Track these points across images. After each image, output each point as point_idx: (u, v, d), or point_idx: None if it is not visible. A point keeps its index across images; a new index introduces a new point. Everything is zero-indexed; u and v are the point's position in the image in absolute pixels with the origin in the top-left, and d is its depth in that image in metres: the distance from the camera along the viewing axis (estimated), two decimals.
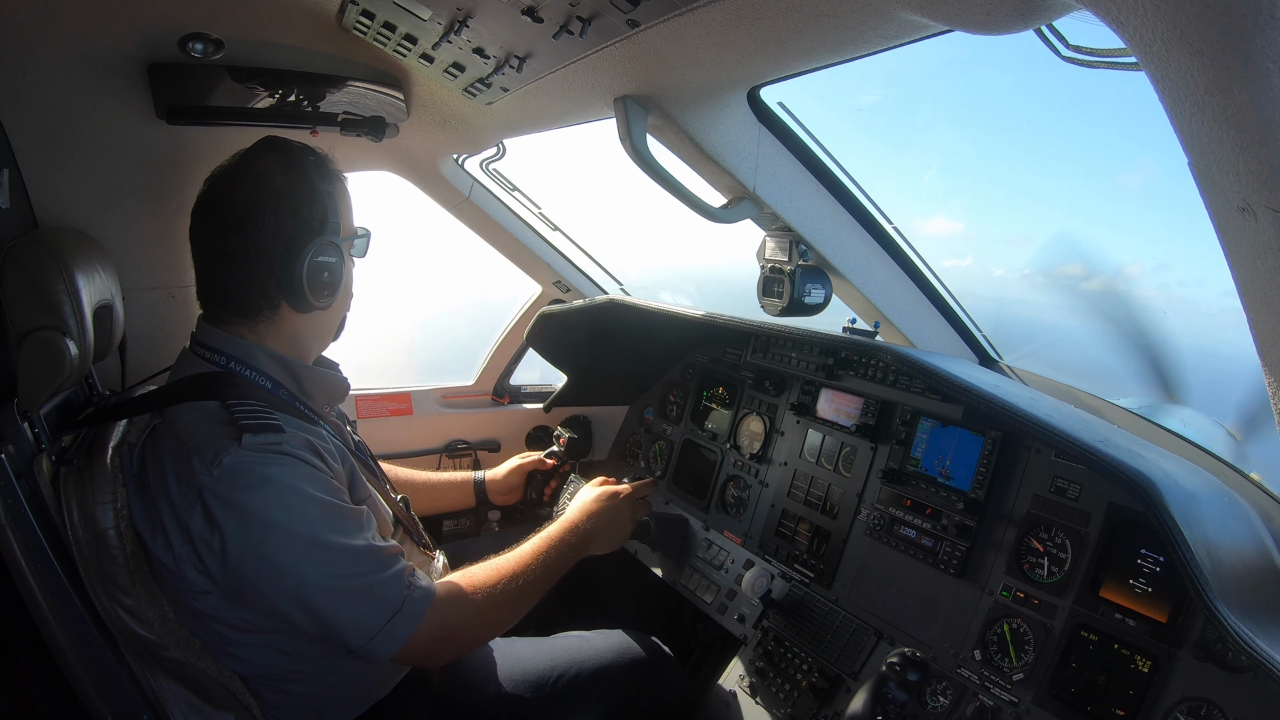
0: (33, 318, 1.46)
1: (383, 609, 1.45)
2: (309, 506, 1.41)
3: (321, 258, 1.56)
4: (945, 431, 2.09)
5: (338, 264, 1.60)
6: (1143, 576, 1.66)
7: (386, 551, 1.50)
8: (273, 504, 1.37)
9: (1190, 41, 0.66)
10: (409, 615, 1.47)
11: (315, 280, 1.56)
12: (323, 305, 1.62)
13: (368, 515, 1.53)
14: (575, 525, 2.03)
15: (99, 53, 1.76)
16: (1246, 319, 0.84)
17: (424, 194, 2.92)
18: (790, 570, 2.39)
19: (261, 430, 1.41)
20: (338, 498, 1.47)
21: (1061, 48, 1.20)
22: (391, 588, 1.47)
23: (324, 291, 1.60)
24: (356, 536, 1.46)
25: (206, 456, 1.37)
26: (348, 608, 1.42)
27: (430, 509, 2.56)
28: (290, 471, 1.41)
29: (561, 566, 1.91)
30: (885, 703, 1.72)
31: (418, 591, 1.50)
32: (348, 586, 1.42)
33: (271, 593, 1.40)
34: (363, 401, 3.06)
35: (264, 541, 1.36)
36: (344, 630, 1.42)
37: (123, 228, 2.04)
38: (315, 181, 1.57)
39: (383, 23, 1.64)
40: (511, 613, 1.75)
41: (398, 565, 1.50)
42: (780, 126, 1.90)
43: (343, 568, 1.42)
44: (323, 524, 1.41)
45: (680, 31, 1.29)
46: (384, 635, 1.44)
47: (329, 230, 1.57)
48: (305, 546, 1.39)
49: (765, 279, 2.16)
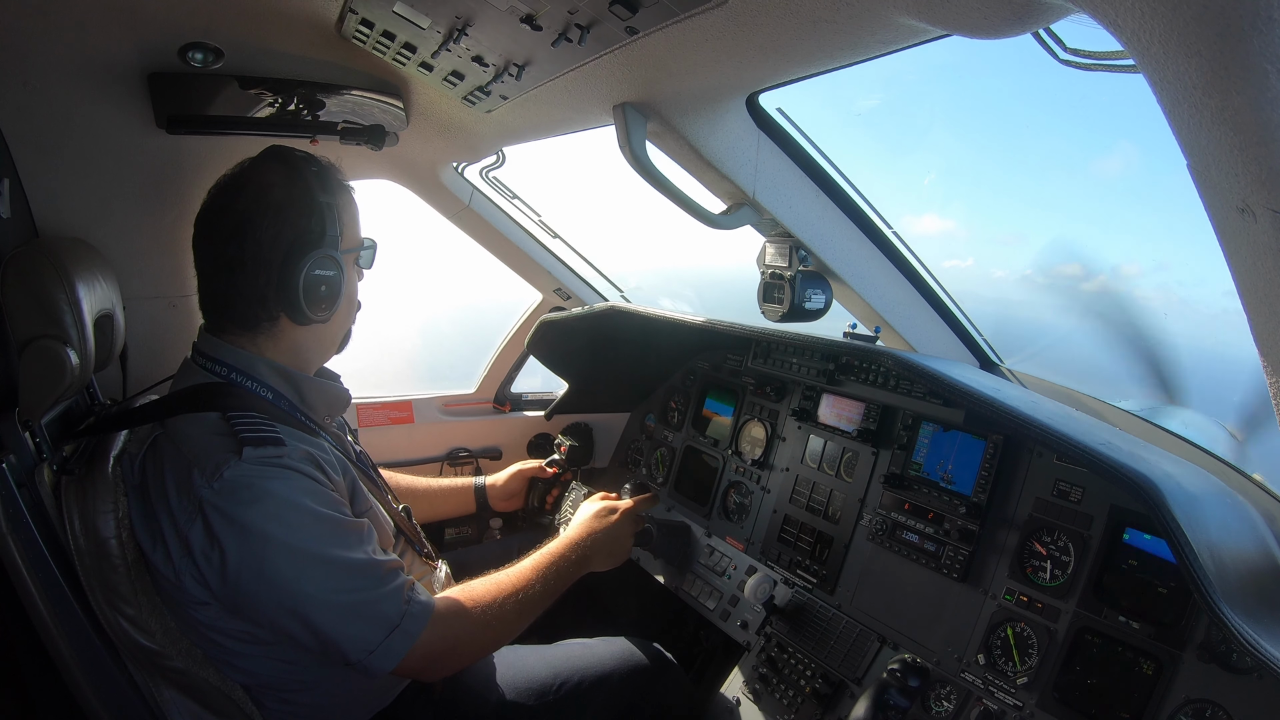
0: (34, 327, 1.47)
1: (381, 624, 1.44)
2: (308, 521, 1.40)
3: (319, 271, 1.55)
4: (947, 436, 2.09)
5: (336, 277, 1.59)
6: (1140, 577, 1.66)
7: (386, 566, 1.49)
8: (272, 518, 1.36)
9: (1188, 43, 0.66)
10: (407, 631, 1.46)
11: (312, 293, 1.55)
12: (321, 319, 1.60)
13: (369, 529, 1.53)
14: (576, 542, 2.01)
15: (99, 62, 1.77)
16: (1247, 319, 0.84)
17: (424, 202, 2.92)
18: (793, 576, 2.38)
19: (262, 443, 1.41)
20: (338, 511, 1.47)
21: (1059, 51, 1.21)
22: (390, 603, 1.46)
23: (321, 305, 1.58)
24: (356, 551, 1.45)
25: (207, 469, 1.36)
26: (346, 623, 1.41)
27: (432, 515, 2.56)
28: (290, 485, 1.40)
29: (562, 583, 1.90)
30: (887, 709, 1.72)
31: (417, 606, 1.50)
32: (346, 601, 1.42)
33: (270, 607, 1.39)
34: (364, 410, 3.06)
35: (263, 556, 1.36)
36: (342, 645, 1.42)
37: (123, 237, 2.05)
38: (315, 193, 1.56)
39: (382, 31, 1.65)
40: (510, 629, 1.74)
41: (397, 580, 1.50)
42: (779, 132, 1.91)
43: (341, 583, 1.42)
44: (322, 538, 1.41)
45: (679, 38, 1.30)
46: (382, 650, 1.43)
47: (327, 243, 1.56)
48: (304, 561, 1.38)
49: (765, 285, 2.16)
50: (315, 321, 1.59)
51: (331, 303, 1.60)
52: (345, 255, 1.63)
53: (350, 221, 1.66)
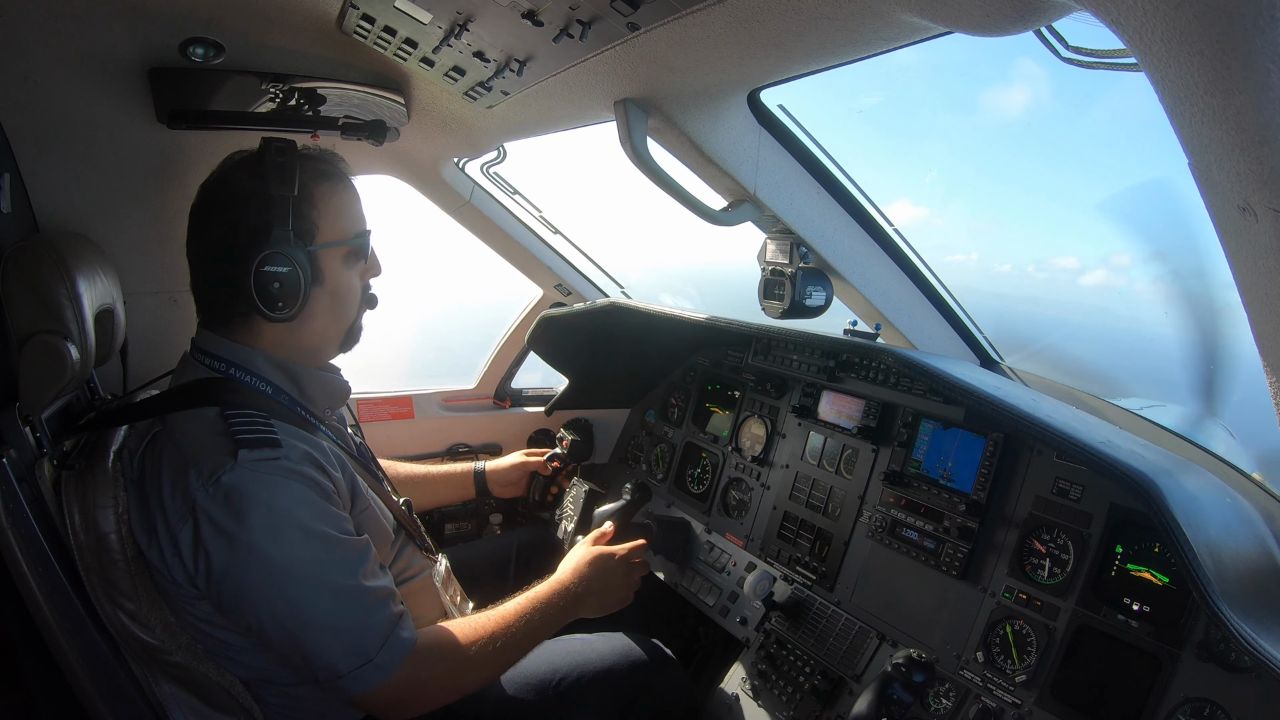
0: (34, 322, 1.47)
1: (355, 653, 1.42)
2: (298, 537, 1.39)
3: (269, 268, 1.47)
4: (947, 433, 2.09)
5: (290, 274, 1.49)
6: (1145, 576, 1.66)
7: (374, 595, 1.47)
8: (260, 530, 1.35)
9: (1190, 42, 0.66)
10: (380, 665, 1.44)
11: (265, 290, 1.47)
12: (283, 316, 1.52)
13: (364, 548, 1.50)
14: (564, 587, 1.95)
15: (100, 57, 1.77)
16: (1247, 319, 0.84)
17: (424, 197, 2.92)
18: (792, 572, 2.39)
19: (258, 445, 1.40)
20: (332, 526, 1.44)
21: (1061, 49, 1.21)
22: (370, 634, 1.44)
23: (277, 302, 1.49)
24: (343, 574, 1.43)
25: (204, 471, 1.36)
26: (320, 645, 1.40)
27: (432, 502, 2.56)
28: (284, 496, 1.39)
29: (546, 630, 1.83)
30: (889, 704, 1.72)
31: (396, 641, 1.47)
32: (325, 625, 1.40)
33: (248, 614, 1.39)
34: (364, 405, 3.06)
35: (245, 567, 1.35)
36: (313, 664, 1.41)
37: (124, 232, 2.05)
38: (271, 187, 1.48)
39: (383, 27, 1.65)
40: (485, 675, 1.70)
41: (384, 611, 1.47)
42: (781, 129, 1.90)
43: (322, 606, 1.40)
44: (308, 558, 1.39)
45: (680, 34, 1.30)
46: (351, 678, 1.42)
47: (275, 240, 1.48)
48: (286, 579, 1.37)
49: (766, 282, 2.16)
50: (278, 319, 1.52)
51: (291, 299, 1.50)
52: (325, 250, 1.57)
53: (333, 214, 1.59)
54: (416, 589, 1.83)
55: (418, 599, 1.84)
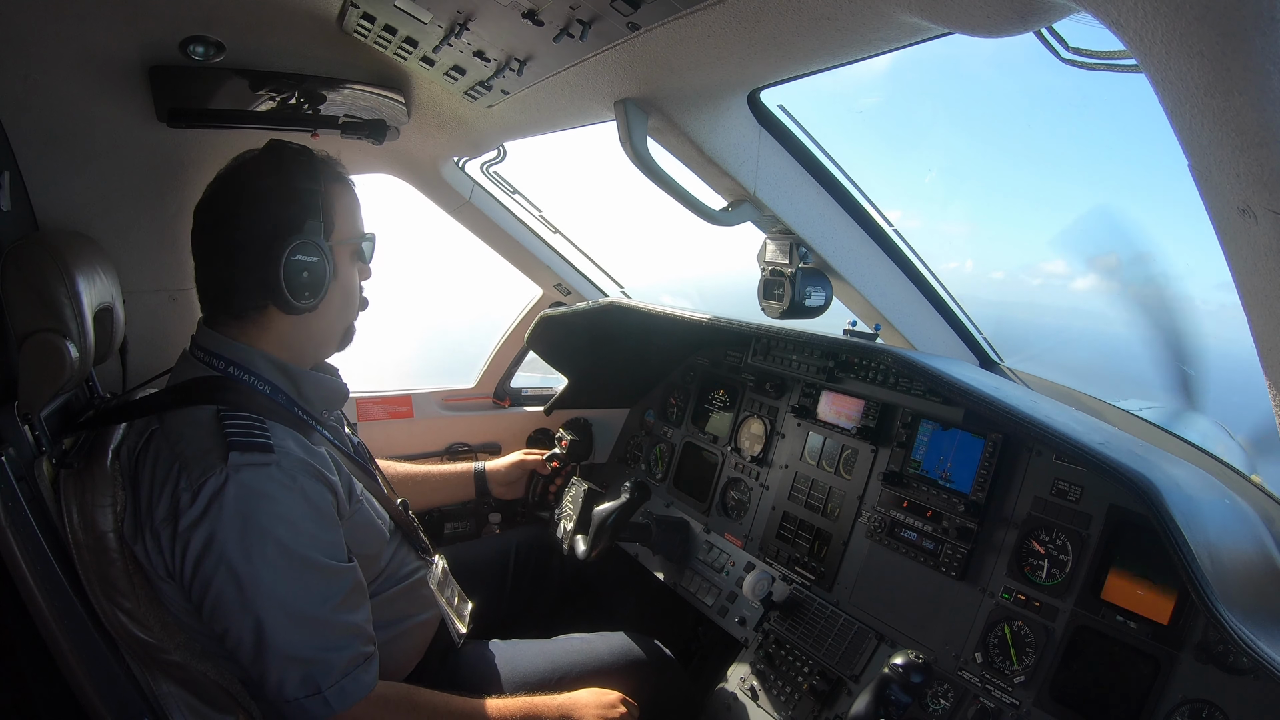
0: (33, 320, 1.46)
1: (307, 683, 1.42)
2: (272, 555, 1.38)
3: (300, 256, 1.51)
4: (946, 434, 2.09)
5: (319, 264, 1.54)
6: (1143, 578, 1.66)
7: (340, 630, 1.46)
8: (233, 541, 1.35)
9: (1190, 43, 0.66)
10: (329, 701, 1.43)
11: (294, 279, 1.51)
12: (306, 306, 1.56)
13: (342, 580, 1.49)
14: (560, 706, 1.84)
15: (100, 56, 1.76)
16: (1247, 320, 0.84)
17: (424, 197, 2.92)
18: (791, 573, 2.39)
19: (249, 449, 1.40)
20: (314, 549, 1.45)
21: (1061, 50, 1.21)
22: (326, 670, 1.43)
23: (304, 292, 1.54)
24: (313, 603, 1.43)
25: (193, 475, 1.36)
26: (273, 666, 1.40)
27: (432, 502, 2.57)
28: (266, 510, 1.39)
29: None
30: (888, 704, 1.72)
31: (351, 684, 1.46)
32: (281, 649, 1.40)
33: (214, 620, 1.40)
34: (363, 404, 3.06)
35: (215, 573, 1.36)
36: (264, 682, 1.41)
37: (123, 230, 2.05)
38: (299, 181, 1.53)
39: (383, 26, 1.65)
40: None
41: (346, 650, 1.47)
42: (781, 129, 1.90)
43: (282, 630, 1.40)
44: (280, 579, 1.39)
45: (681, 34, 1.30)
46: (295, 705, 1.42)
47: (308, 230, 1.52)
48: (254, 594, 1.37)
49: (766, 282, 2.16)
50: (301, 309, 1.55)
51: (316, 289, 1.56)
52: (338, 246, 1.61)
53: (344, 213, 1.64)
54: (412, 589, 1.83)
55: (413, 599, 1.84)
